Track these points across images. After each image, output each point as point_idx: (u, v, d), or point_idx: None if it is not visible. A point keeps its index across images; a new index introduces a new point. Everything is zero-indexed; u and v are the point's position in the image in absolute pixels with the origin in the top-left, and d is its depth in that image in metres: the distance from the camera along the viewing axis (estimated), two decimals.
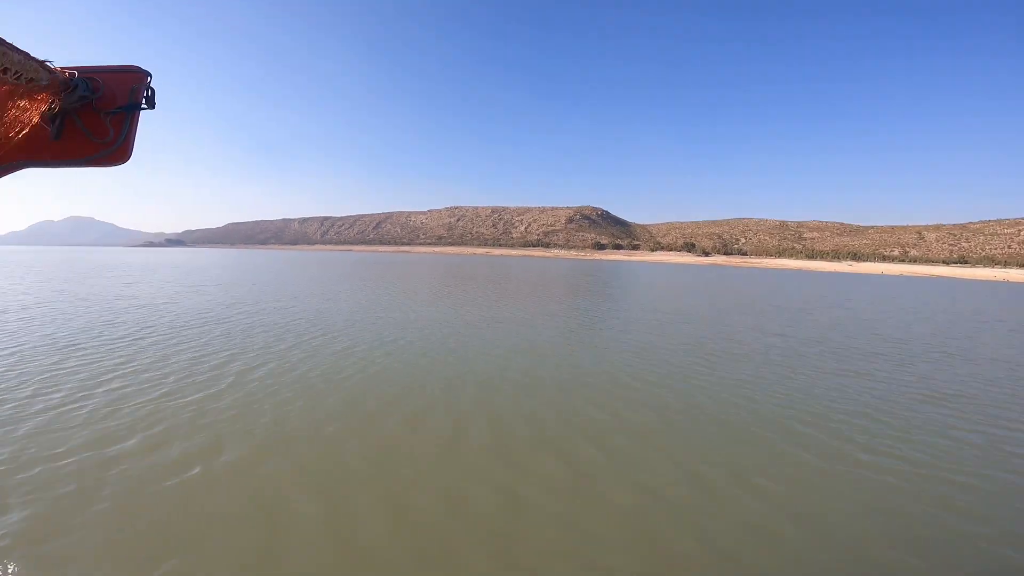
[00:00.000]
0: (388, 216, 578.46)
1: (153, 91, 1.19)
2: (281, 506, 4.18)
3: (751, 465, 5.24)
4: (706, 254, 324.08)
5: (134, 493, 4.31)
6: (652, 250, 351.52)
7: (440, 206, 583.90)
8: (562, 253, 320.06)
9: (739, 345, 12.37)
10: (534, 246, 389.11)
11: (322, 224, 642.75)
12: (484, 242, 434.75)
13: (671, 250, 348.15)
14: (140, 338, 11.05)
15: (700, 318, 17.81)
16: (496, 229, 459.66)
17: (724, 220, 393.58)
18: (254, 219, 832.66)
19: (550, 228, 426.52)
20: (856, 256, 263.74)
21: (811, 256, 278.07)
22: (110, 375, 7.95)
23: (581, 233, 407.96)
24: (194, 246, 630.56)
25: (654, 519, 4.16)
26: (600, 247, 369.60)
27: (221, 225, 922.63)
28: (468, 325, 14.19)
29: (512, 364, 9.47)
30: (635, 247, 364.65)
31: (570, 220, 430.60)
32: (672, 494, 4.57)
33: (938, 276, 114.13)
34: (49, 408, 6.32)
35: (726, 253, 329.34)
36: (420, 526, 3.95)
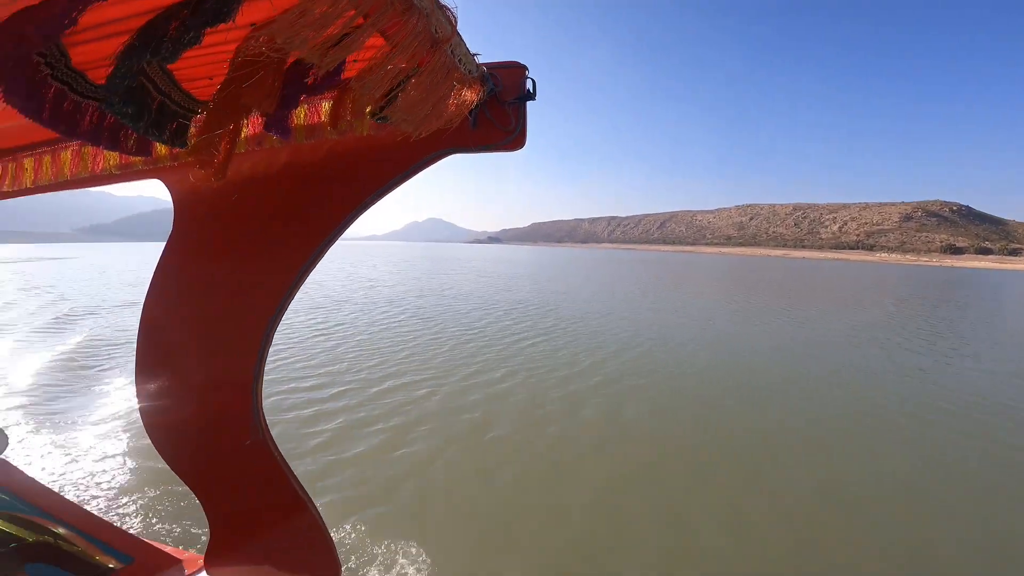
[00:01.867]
0: (672, 215, 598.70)
1: (535, 83, 1.29)
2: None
3: None
4: None
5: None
6: None
7: (730, 204, 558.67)
8: (891, 257, 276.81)
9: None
10: (851, 248, 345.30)
11: (608, 223, 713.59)
12: (782, 243, 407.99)
13: None
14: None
15: None
16: (798, 229, 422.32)
17: None
18: (552, 219, 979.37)
19: (875, 227, 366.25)
20: None
21: None
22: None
23: (924, 233, 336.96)
24: (507, 243, 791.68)
25: None
26: (955, 251, 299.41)
27: (527, 225, 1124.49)
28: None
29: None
30: (1014, 252, 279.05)
31: (907, 217, 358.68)
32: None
33: None
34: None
35: None
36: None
